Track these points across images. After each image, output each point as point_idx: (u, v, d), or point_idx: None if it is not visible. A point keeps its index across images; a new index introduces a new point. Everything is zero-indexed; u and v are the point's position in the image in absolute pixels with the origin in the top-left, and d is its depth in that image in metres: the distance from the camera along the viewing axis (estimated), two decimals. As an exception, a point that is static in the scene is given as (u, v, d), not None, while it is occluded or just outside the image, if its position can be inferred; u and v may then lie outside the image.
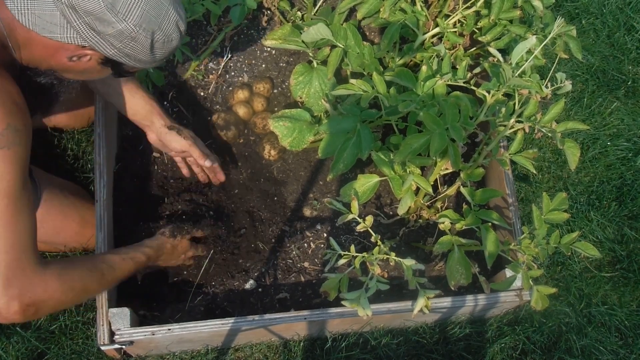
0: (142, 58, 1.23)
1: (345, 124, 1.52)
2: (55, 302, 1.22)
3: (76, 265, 1.32)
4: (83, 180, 1.96)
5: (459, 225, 1.52)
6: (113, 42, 1.17)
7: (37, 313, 1.20)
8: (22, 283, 1.15)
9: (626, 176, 2.24)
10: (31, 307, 1.17)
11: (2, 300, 1.13)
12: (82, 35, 1.16)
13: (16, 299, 1.14)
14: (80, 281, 1.29)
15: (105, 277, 1.38)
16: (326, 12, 1.84)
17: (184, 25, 1.27)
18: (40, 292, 1.18)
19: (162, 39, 1.22)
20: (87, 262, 1.36)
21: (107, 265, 1.39)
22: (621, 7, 2.52)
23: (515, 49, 1.36)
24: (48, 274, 1.20)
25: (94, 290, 1.38)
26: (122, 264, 1.44)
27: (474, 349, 1.86)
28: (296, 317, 1.59)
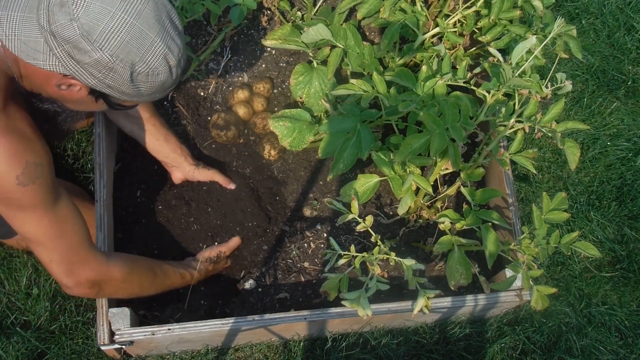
0: (125, 90, 1.20)
1: (345, 124, 1.52)
2: (115, 287, 1.43)
3: (137, 261, 1.51)
4: (83, 180, 1.96)
5: (459, 225, 1.52)
6: (92, 72, 1.15)
7: (100, 292, 1.41)
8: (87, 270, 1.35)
9: (626, 176, 2.24)
10: (96, 286, 1.38)
11: (71, 283, 1.35)
12: (63, 64, 1.14)
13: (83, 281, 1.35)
14: (139, 276, 1.48)
15: (157, 279, 1.53)
16: (326, 12, 1.84)
17: (176, 59, 1.20)
18: (104, 277, 1.38)
19: (145, 72, 1.17)
20: (146, 261, 1.54)
21: (161, 271, 1.55)
22: (621, 7, 2.52)
23: (515, 49, 1.36)
24: (111, 262, 1.40)
25: (146, 288, 1.52)
26: (172, 275, 1.59)
27: (474, 349, 1.86)
28: (296, 317, 1.59)
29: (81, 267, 1.34)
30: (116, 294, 1.48)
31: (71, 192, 1.77)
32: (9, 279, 1.83)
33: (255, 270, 1.74)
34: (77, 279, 1.35)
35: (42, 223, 1.26)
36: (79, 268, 1.34)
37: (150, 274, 1.52)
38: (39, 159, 1.21)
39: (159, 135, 1.68)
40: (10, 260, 1.86)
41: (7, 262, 1.85)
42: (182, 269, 1.62)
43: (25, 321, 1.81)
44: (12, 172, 1.16)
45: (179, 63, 1.22)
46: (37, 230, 1.27)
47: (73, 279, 1.34)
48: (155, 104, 1.86)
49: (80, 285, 1.36)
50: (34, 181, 1.20)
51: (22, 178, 1.18)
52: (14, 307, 1.82)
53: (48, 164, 1.24)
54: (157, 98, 1.29)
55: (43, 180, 1.22)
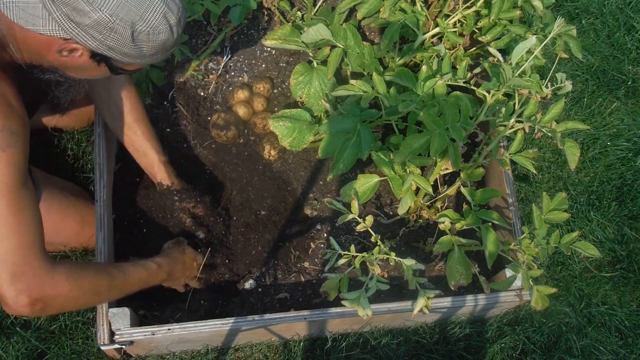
0: (127, 51, 1.19)
1: (345, 124, 1.52)
2: (63, 299, 1.24)
3: (86, 266, 1.35)
4: (83, 180, 1.96)
5: (459, 225, 1.52)
6: (92, 34, 1.14)
7: (45, 309, 1.22)
8: (30, 279, 1.18)
9: (626, 176, 2.24)
10: (39, 303, 1.20)
11: (11, 294, 1.16)
12: (63, 27, 1.14)
13: (24, 293, 1.17)
14: (89, 281, 1.31)
15: (115, 280, 1.38)
16: (326, 12, 1.84)
17: (176, 17, 1.20)
18: (48, 289, 1.20)
19: (146, 31, 1.17)
20: (97, 265, 1.42)
21: (118, 270, 1.41)
22: (621, 7, 2.52)
23: (515, 49, 1.36)
24: (57, 272, 1.23)
25: (105, 293, 1.37)
26: (132, 269, 1.45)
27: (474, 349, 1.86)
28: (296, 317, 1.59)
29: (26, 274, 1.17)
30: (67, 307, 1.30)
31: (71, 192, 1.78)
32: (9, 279, 1.83)
33: (256, 270, 1.74)
34: (17, 288, 1.16)
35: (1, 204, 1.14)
36: (23, 275, 1.17)
37: (104, 277, 1.36)
38: (16, 127, 1.16)
39: (138, 145, 1.64)
40: (10, 260, 1.86)
41: (7, 262, 1.85)
42: (145, 261, 1.51)
43: (25, 321, 1.81)
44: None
45: (179, 22, 1.21)
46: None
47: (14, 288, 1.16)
48: (155, 103, 1.87)
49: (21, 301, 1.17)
50: (4, 149, 1.13)
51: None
52: (14, 307, 1.82)
53: (24, 139, 1.18)
54: (159, 59, 1.27)
55: (15, 152, 1.15)
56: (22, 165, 1.18)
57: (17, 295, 1.17)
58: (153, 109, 1.86)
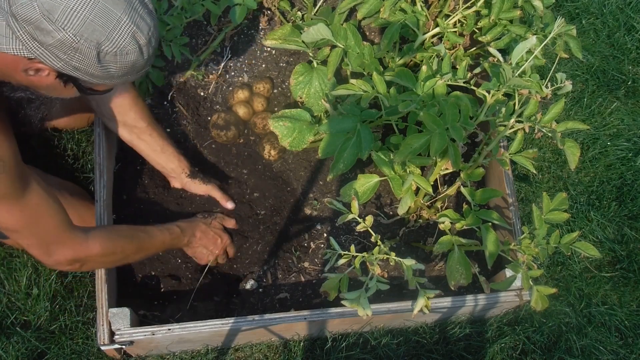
0: (93, 72, 1.15)
1: (345, 124, 1.52)
2: (97, 261, 1.45)
3: (118, 232, 1.50)
4: (83, 180, 1.96)
5: (459, 225, 1.52)
6: (57, 54, 1.10)
7: (82, 266, 1.43)
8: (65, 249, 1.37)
9: (626, 176, 2.24)
10: (77, 263, 1.41)
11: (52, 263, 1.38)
12: (27, 46, 1.10)
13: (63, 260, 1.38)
14: (121, 246, 1.47)
15: (143, 243, 1.53)
16: (326, 12, 1.84)
17: (146, 37, 1.15)
18: (83, 253, 1.40)
19: (113, 51, 1.12)
20: (127, 229, 1.54)
21: (145, 234, 1.55)
22: (621, 7, 2.52)
23: (515, 49, 1.36)
24: (90, 238, 1.40)
25: (132, 255, 1.53)
26: (158, 233, 1.57)
27: (474, 349, 1.86)
28: (296, 317, 1.59)
29: (58, 248, 1.36)
30: (102, 265, 1.52)
31: (71, 192, 1.78)
32: (9, 279, 1.83)
33: (256, 270, 1.74)
34: (56, 258, 1.37)
35: (13, 213, 1.27)
36: (57, 249, 1.36)
37: (133, 240, 1.52)
38: (2, 153, 1.19)
39: (156, 146, 1.68)
40: (10, 260, 1.86)
41: (7, 262, 1.85)
42: (170, 225, 1.63)
43: (25, 321, 1.81)
44: None
45: (149, 42, 1.17)
46: (10, 220, 1.28)
47: (52, 259, 1.37)
48: (155, 103, 1.87)
49: (60, 264, 1.39)
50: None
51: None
52: (14, 307, 1.82)
53: (10, 157, 1.22)
54: (129, 80, 1.24)
55: (6, 176, 1.21)
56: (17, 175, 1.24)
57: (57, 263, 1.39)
58: (153, 109, 1.86)
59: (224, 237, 1.70)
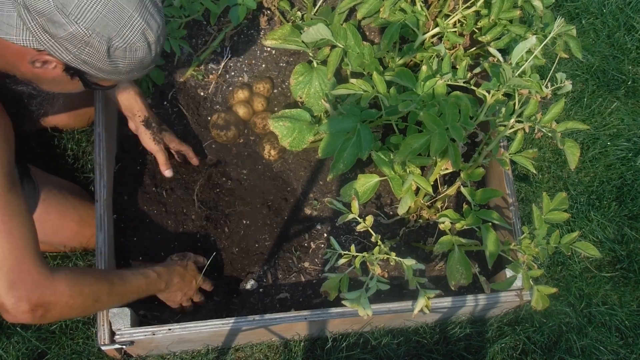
0: (101, 67, 1.16)
1: (345, 124, 1.52)
2: (64, 305, 1.22)
3: (85, 272, 1.33)
4: (83, 180, 1.96)
5: (459, 225, 1.52)
6: (67, 47, 1.11)
7: (45, 315, 1.20)
8: (29, 284, 1.16)
9: (626, 176, 2.24)
10: (39, 308, 1.18)
11: (10, 301, 1.14)
12: (37, 38, 1.11)
13: (24, 300, 1.15)
14: (90, 287, 1.29)
15: (115, 287, 1.37)
16: (326, 12, 1.84)
17: (155, 35, 1.17)
18: (48, 294, 1.18)
19: (123, 47, 1.14)
20: (97, 271, 1.40)
21: (118, 277, 1.40)
22: (621, 7, 2.52)
23: (515, 49, 1.36)
24: (56, 277, 1.21)
25: (105, 299, 1.35)
26: (132, 277, 1.43)
27: (474, 349, 1.86)
28: (296, 317, 1.59)
29: (24, 281, 1.15)
30: (69, 313, 1.28)
31: (71, 191, 1.78)
32: (9, 279, 1.83)
33: (256, 270, 1.74)
34: (16, 295, 1.14)
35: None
36: (22, 282, 1.15)
37: (104, 282, 1.34)
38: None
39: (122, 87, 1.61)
40: (10, 260, 1.86)
41: (7, 262, 1.85)
42: (145, 269, 1.49)
43: (25, 321, 1.81)
44: None
45: (158, 40, 1.19)
46: None
47: (12, 295, 1.14)
48: (155, 103, 1.87)
49: (20, 307, 1.15)
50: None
51: None
52: (14, 307, 1.82)
53: (7, 145, 1.16)
54: (135, 77, 1.25)
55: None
56: (8, 171, 1.15)
57: (17, 302, 1.15)
58: (153, 109, 1.86)
59: (198, 278, 1.63)
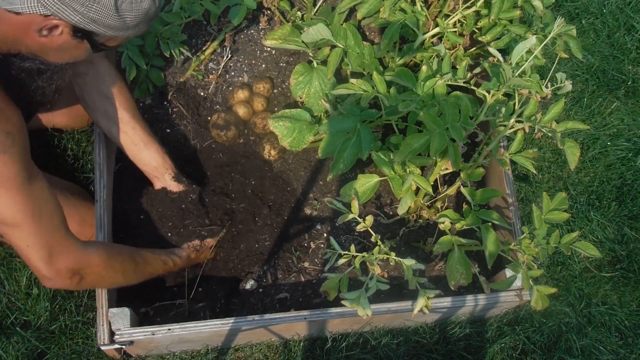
0: (110, 23, 1.17)
1: (345, 124, 1.52)
2: (97, 274, 1.35)
3: (116, 249, 1.45)
4: (83, 180, 1.96)
5: (459, 225, 1.52)
6: (75, 7, 1.12)
7: (81, 282, 1.33)
8: (66, 256, 1.28)
9: (626, 176, 2.24)
10: (77, 275, 1.31)
11: (52, 273, 1.27)
12: (43, 3, 1.11)
13: (63, 270, 1.27)
14: (120, 263, 1.42)
15: (139, 267, 1.48)
16: (326, 12, 1.84)
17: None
18: (84, 263, 1.31)
19: None
20: (125, 249, 1.48)
21: (142, 259, 1.50)
22: (621, 7, 2.52)
23: (515, 49, 1.36)
24: (90, 248, 1.34)
25: (129, 276, 1.46)
26: (153, 262, 1.53)
27: (474, 349, 1.86)
28: (296, 317, 1.59)
29: (61, 253, 1.27)
30: (99, 283, 1.41)
31: (71, 191, 1.78)
32: (9, 279, 1.83)
33: (256, 270, 1.74)
34: (57, 266, 1.27)
35: (16, 201, 1.18)
36: (59, 254, 1.26)
37: (131, 262, 1.46)
38: (11, 128, 1.15)
39: (137, 140, 1.60)
40: (10, 260, 1.86)
41: (7, 262, 1.85)
42: (164, 256, 1.57)
43: (25, 321, 1.81)
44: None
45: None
46: (12, 209, 1.19)
47: (53, 267, 1.26)
48: (155, 103, 1.87)
49: (61, 275, 1.28)
50: (4, 151, 1.14)
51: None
52: (14, 307, 1.82)
53: (22, 137, 1.18)
54: (141, 31, 1.26)
55: (16, 152, 1.16)
56: (25, 159, 1.19)
57: (57, 273, 1.27)
58: (153, 109, 1.86)
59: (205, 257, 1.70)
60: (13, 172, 1.17)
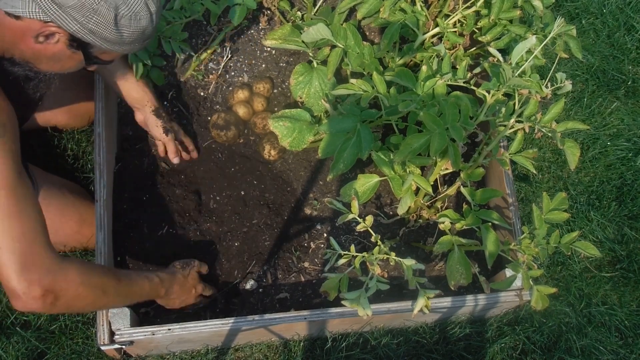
0: (108, 36, 1.18)
1: (345, 124, 1.52)
2: (73, 293, 1.21)
3: (94, 265, 1.36)
4: (83, 180, 1.96)
5: (459, 225, 1.52)
6: (75, 16, 1.12)
7: (55, 303, 1.18)
8: (41, 268, 1.15)
9: (626, 176, 2.24)
10: (50, 295, 1.16)
11: (22, 285, 1.12)
12: (44, 9, 1.11)
13: (35, 284, 1.13)
14: (98, 279, 1.28)
15: (121, 284, 1.36)
16: (326, 12, 1.84)
17: (156, 5, 1.21)
18: (59, 279, 1.17)
19: (128, 15, 1.17)
20: (104, 266, 1.40)
21: (124, 275, 1.39)
22: (621, 7, 2.52)
23: (515, 48, 1.36)
24: (67, 264, 1.20)
25: (111, 294, 1.33)
26: (137, 278, 1.43)
27: (474, 349, 1.86)
28: (296, 317, 1.59)
29: (36, 265, 1.14)
30: (76, 303, 1.25)
31: (71, 191, 1.78)
32: (9, 279, 1.83)
33: (256, 270, 1.74)
34: (29, 278, 1.13)
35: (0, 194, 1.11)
36: (34, 266, 1.13)
37: (111, 278, 1.34)
38: (4, 119, 1.14)
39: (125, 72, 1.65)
40: (10, 260, 1.86)
41: (7, 262, 1.85)
42: (148, 273, 1.49)
43: (25, 321, 1.81)
44: None
45: (158, 10, 1.23)
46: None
47: (24, 278, 1.12)
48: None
49: (32, 292, 1.13)
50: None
51: None
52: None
53: (12, 128, 1.16)
54: (136, 49, 1.27)
55: (7, 143, 1.13)
56: (16, 156, 1.15)
57: (29, 286, 1.13)
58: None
59: (198, 288, 1.61)
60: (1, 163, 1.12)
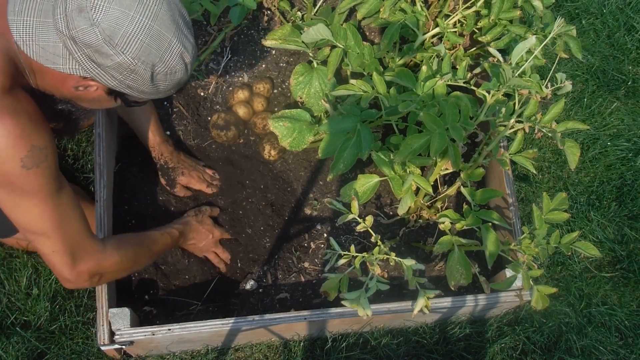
0: (144, 89, 1.22)
1: (345, 124, 1.52)
2: (114, 269, 1.43)
3: (128, 240, 1.52)
4: (83, 180, 1.96)
5: (459, 225, 1.52)
6: (113, 74, 1.16)
7: (100, 280, 1.41)
8: (87, 259, 1.35)
9: (626, 176, 2.24)
10: (97, 275, 1.39)
11: (73, 275, 1.34)
12: (84, 67, 1.15)
13: (85, 272, 1.35)
14: (133, 252, 1.49)
15: (150, 249, 1.56)
16: (326, 12, 1.84)
17: (191, 56, 1.24)
18: (103, 263, 1.39)
19: (164, 71, 1.20)
20: (135, 237, 1.56)
21: (151, 240, 1.57)
22: (621, 7, 2.52)
23: (515, 49, 1.36)
24: (107, 246, 1.41)
25: (142, 261, 1.54)
26: (161, 238, 1.60)
27: (474, 349, 1.86)
28: (296, 317, 1.59)
29: (83, 257, 1.34)
30: (116, 276, 1.50)
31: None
32: (9, 279, 1.83)
33: (256, 270, 1.74)
34: (79, 270, 1.34)
35: (45, 210, 1.25)
36: (81, 258, 1.34)
37: (142, 248, 1.53)
38: (45, 142, 1.21)
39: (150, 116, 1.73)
40: (10, 260, 1.86)
41: (7, 262, 1.85)
42: (169, 228, 1.65)
43: (25, 321, 1.81)
44: (17, 155, 1.16)
45: (193, 60, 1.25)
46: (40, 219, 1.25)
47: (75, 270, 1.33)
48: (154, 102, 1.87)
49: (82, 277, 1.35)
50: (38, 165, 1.19)
51: (27, 161, 1.17)
52: (14, 307, 1.82)
53: (53, 150, 1.24)
54: (171, 94, 1.33)
55: (47, 165, 1.21)
56: (55, 172, 1.26)
57: (79, 275, 1.34)
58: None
59: (215, 232, 1.73)
60: (44, 184, 1.22)
